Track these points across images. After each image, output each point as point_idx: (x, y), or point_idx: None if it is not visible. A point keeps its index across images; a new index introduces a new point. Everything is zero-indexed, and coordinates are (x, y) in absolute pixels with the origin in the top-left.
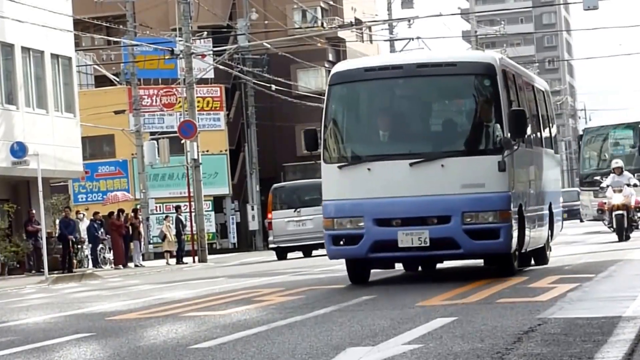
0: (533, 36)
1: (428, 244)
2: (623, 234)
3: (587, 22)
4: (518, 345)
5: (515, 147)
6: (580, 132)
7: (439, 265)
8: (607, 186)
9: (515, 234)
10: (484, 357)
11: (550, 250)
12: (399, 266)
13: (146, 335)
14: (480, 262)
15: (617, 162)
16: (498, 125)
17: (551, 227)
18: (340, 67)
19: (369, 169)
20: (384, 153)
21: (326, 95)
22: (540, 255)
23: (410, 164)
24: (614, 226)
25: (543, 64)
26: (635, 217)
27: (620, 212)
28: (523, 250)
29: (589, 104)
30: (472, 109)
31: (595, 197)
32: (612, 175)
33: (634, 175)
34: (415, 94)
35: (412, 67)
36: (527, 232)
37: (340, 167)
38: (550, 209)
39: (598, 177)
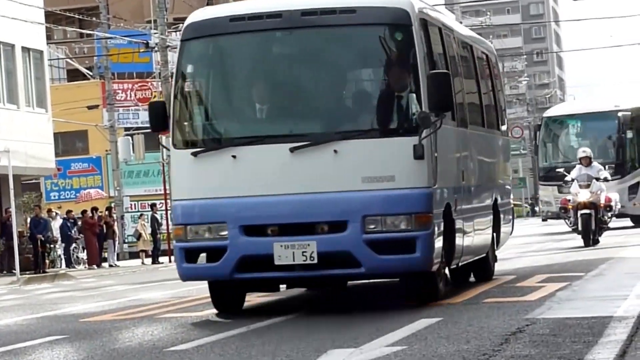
0: (520, 27)
1: (316, 261)
2: (590, 238)
3: (576, 13)
4: (505, 346)
5: (438, 125)
6: (538, 121)
7: None
8: (572, 180)
9: (439, 244)
10: (469, 359)
11: (497, 261)
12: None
13: (121, 338)
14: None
15: (585, 152)
16: (414, 96)
17: (497, 231)
18: (197, 15)
19: (234, 157)
20: (255, 134)
21: (178, 54)
22: (482, 267)
23: (292, 150)
24: (579, 228)
25: (531, 56)
26: (605, 217)
27: (586, 211)
28: (454, 265)
29: (579, 97)
30: (377, 72)
31: (560, 193)
32: (578, 167)
33: (604, 168)
34: (299, 53)
35: (296, 16)
36: (458, 240)
37: (195, 154)
38: (495, 207)
39: (561, 170)
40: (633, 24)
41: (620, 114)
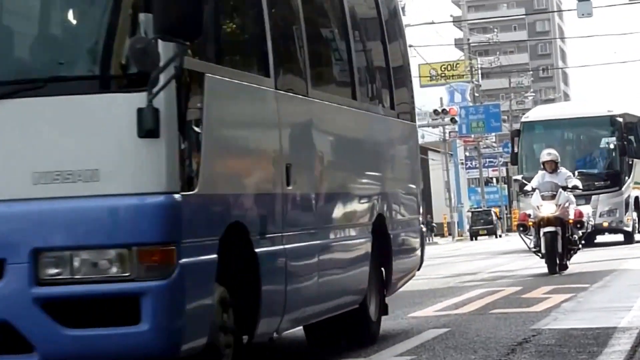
0: (527, 44)
1: None
2: (555, 262)
3: (581, 30)
4: (512, 356)
5: (176, 66)
6: (517, 127)
7: None
8: (534, 189)
9: (204, 303)
10: None
11: (387, 313)
12: None
13: None
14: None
15: (550, 154)
16: (141, 16)
17: (386, 266)
18: None
19: None
20: None
21: None
22: (357, 325)
23: None
24: (542, 250)
25: (537, 72)
26: (575, 236)
27: (551, 228)
28: (273, 335)
29: None
30: None
31: None
32: (541, 173)
33: (573, 175)
34: None
35: None
36: (273, 292)
37: None
38: (379, 228)
39: (519, 178)
40: (636, 40)
41: (619, 118)
